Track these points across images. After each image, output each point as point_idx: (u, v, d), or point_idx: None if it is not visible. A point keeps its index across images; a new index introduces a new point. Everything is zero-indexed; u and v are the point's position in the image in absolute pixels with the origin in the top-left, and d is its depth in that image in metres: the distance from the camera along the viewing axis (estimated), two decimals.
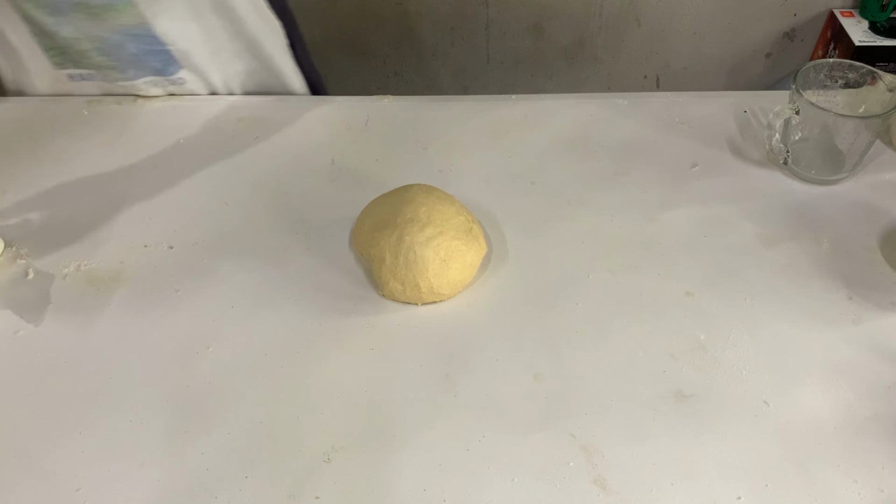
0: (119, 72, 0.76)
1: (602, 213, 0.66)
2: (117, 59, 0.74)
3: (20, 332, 0.58)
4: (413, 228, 0.57)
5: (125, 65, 0.75)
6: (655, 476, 0.49)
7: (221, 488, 0.49)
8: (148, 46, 0.73)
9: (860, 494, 0.48)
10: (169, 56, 0.75)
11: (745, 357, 0.55)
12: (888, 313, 0.58)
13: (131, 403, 0.53)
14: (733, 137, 0.74)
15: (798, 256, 0.62)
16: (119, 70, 0.75)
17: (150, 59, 0.74)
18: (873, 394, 0.53)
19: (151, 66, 0.75)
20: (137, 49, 0.73)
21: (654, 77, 1.57)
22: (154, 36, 0.72)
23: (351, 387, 0.54)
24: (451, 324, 0.58)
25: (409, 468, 0.50)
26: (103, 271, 0.62)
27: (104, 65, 0.75)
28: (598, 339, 0.57)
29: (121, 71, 0.76)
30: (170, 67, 0.76)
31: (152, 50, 0.73)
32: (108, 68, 0.75)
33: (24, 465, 0.50)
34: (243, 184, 0.70)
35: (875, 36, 1.36)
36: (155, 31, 0.71)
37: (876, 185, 0.69)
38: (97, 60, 0.75)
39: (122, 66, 0.75)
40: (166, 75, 0.76)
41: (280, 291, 0.61)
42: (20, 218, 0.67)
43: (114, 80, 0.78)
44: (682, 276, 0.61)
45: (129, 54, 0.73)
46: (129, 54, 0.73)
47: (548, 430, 0.51)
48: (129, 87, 0.78)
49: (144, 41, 0.72)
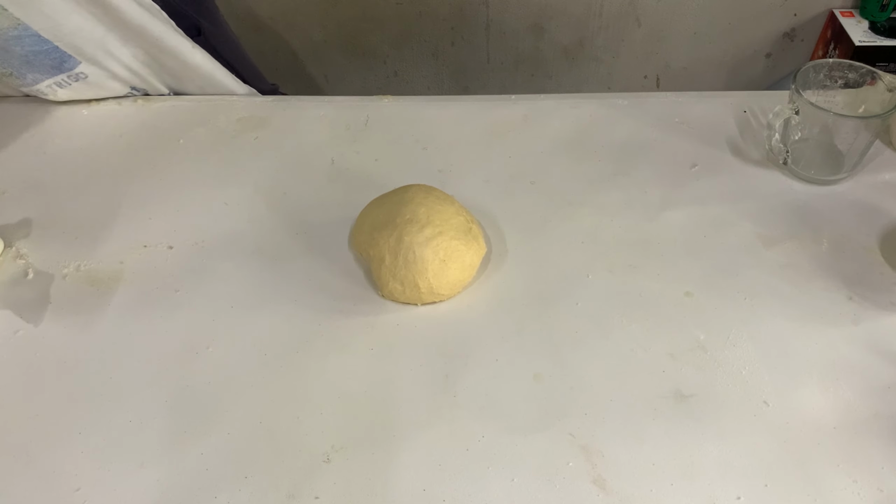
0: (17, 77, 0.74)
1: (602, 213, 0.66)
2: (8, 65, 0.73)
3: (20, 332, 0.58)
4: (412, 229, 0.57)
5: (19, 69, 0.73)
6: (655, 476, 0.49)
7: (221, 488, 0.49)
8: (34, 47, 0.71)
9: (860, 494, 0.48)
10: (60, 52, 0.73)
11: (744, 357, 0.55)
12: (888, 313, 0.58)
13: (131, 403, 0.53)
14: (733, 137, 0.74)
15: (798, 256, 0.62)
16: (17, 76, 0.74)
17: (40, 58, 0.72)
18: (873, 394, 0.53)
19: (45, 64, 0.73)
20: (24, 51, 0.71)
21: (654, 77, 1.57)
22: (36, 35, 0.70)
23: (351, 387, 0.54)
24: (451, 324, 0.58)
25: (409, 468, 0.50)
26: (103, 271, 0.63)
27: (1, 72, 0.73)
28: (598, 339, 0.57)
29: (19, 76, 0.74)
30: (66, 63, 0.74)
31: (40, 50, 0.71)
32: (5, 75, 0.74)
33: (23, 465, 0.50)
34: (243, 184, 0.70)
35: (875, 36, 1.36)
36: (33, 29, 0.69)
37: (876, 185, 0.69)
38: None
39: (16, 70, 0.74)
40: (65, 71, 0.74)
41: (280, 291, 0.61)
42: (20, 218, 0.67)
43: (17, 87, 0.77)
44: (681, 276, 0.61)
45: (19, 57, 0.72)
46: (18, 57, 0.72)
47: (547, 430, 0.51)
48: (36, 91, 0.77)
49: (28, 42, 0.70)
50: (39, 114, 0.78)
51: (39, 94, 0.77)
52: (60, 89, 0.77)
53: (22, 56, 0.72)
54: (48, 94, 0.78)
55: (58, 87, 0.77)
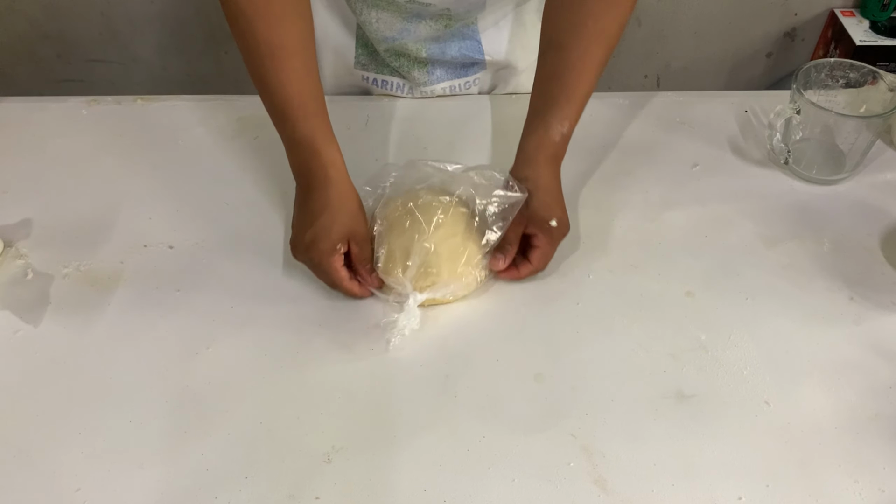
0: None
1: (602, 213, 0.66)
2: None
3: (20, 332, 0.58)
4: (420, 228, 0.57)
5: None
6: (656, 476, 0.49)
7: (221, 488, 0.49)
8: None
9: (861, 495, 0.48)
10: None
11: (745, 357, 0.55)
12: (889, 313, 0.58)
13: (131, 404, 0.53)
14: (734, 137, 0.74)
15: (799, 256, 0.62)
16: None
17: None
18: (874, 394, 0.53)
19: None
20: None
21: (654, 77, 1.57)
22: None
23: (351, 387, 0.54)
24: (451, 324, 0.58)
25: (410, 468, 0.49)
26: (103, 271, 0.62)
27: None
28: (599, 339, 0.57)
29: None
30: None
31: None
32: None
33: (24, 465, 0.50)
34: (243, 184, 0.70)
35: (876, 35, 1.36)
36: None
37: (877, 185, 0.69)
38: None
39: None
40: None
41: (280, 292, 0.61)
42: (20, 218, 0.67)
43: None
44: (682, 276, 0.61)
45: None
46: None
47: (548, 431, 0.51)
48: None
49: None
50: (39, 114, 0.78)
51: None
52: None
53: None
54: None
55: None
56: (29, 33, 1.46)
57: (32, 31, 1.46)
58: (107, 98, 0.79)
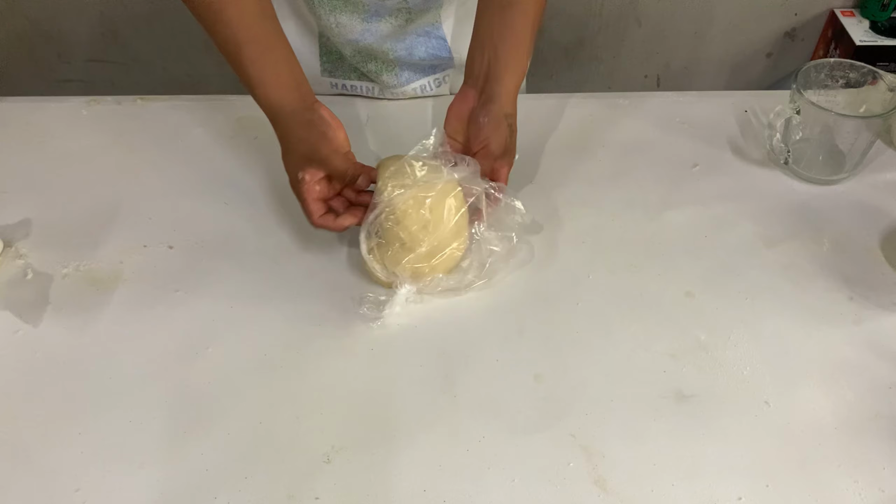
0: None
1: (602, 213, 0.66)
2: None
3: (19, 332, 0.58)
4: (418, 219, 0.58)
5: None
6: (656, 476, 0.49)
7: (221, 488, 0.49)
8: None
9: (861, 495, 0.48)
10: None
11: (745, 357, 0.55)
12: (889, 313, 0.58)
13: (131, 404, 0.53)
14: (734, 137, 0.74)
15: (799, 256, 0.62)
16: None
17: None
18: (874, 394, 0.53)
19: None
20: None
21: (654, 77, 1.57)
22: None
23: (351, 387, 0.54)
24: (451, 324, 0.58)
25: (409, 469, 0.49)
26: (103, 271, 0.62)
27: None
28: (599, 339, 0.57)
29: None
30: None
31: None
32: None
33: (23, 465, 0.50)
34: (243, 184, 0.70)
35: (876, 35, 1.36)
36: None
37: (877, 185, 0.69)
38: None
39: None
40: None
41: (280, 291, 0.61)
42: (20, 218, 0.67)
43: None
44: (682, 276, 0.61)
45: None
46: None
47: (548, 431, 0.51)
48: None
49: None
50: (39, 114, 0.78)
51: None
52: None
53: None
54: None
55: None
56: (29, 33, 1.46)
57: (32, 31, 1.46)
58: (107, 98, 0.79)
